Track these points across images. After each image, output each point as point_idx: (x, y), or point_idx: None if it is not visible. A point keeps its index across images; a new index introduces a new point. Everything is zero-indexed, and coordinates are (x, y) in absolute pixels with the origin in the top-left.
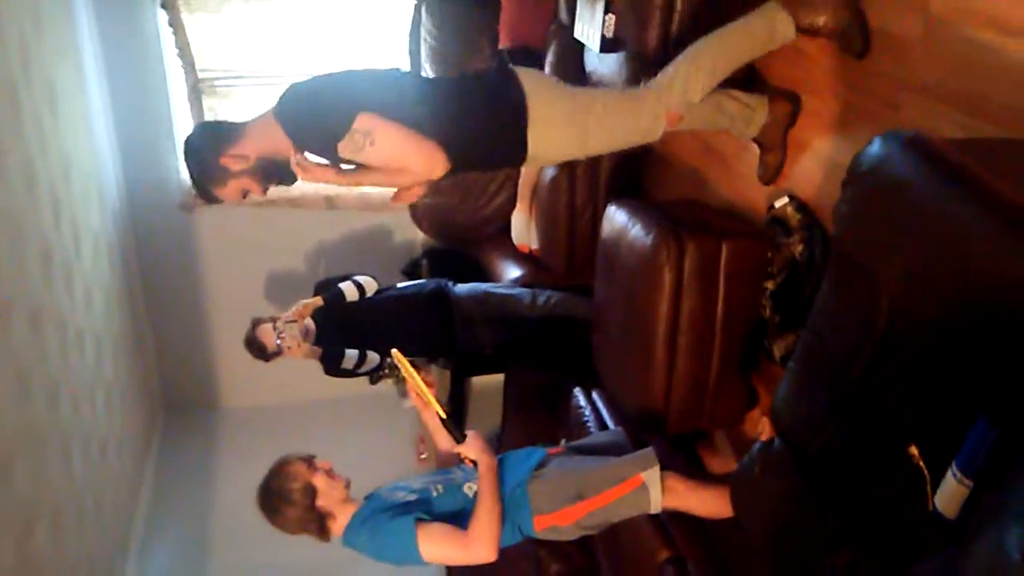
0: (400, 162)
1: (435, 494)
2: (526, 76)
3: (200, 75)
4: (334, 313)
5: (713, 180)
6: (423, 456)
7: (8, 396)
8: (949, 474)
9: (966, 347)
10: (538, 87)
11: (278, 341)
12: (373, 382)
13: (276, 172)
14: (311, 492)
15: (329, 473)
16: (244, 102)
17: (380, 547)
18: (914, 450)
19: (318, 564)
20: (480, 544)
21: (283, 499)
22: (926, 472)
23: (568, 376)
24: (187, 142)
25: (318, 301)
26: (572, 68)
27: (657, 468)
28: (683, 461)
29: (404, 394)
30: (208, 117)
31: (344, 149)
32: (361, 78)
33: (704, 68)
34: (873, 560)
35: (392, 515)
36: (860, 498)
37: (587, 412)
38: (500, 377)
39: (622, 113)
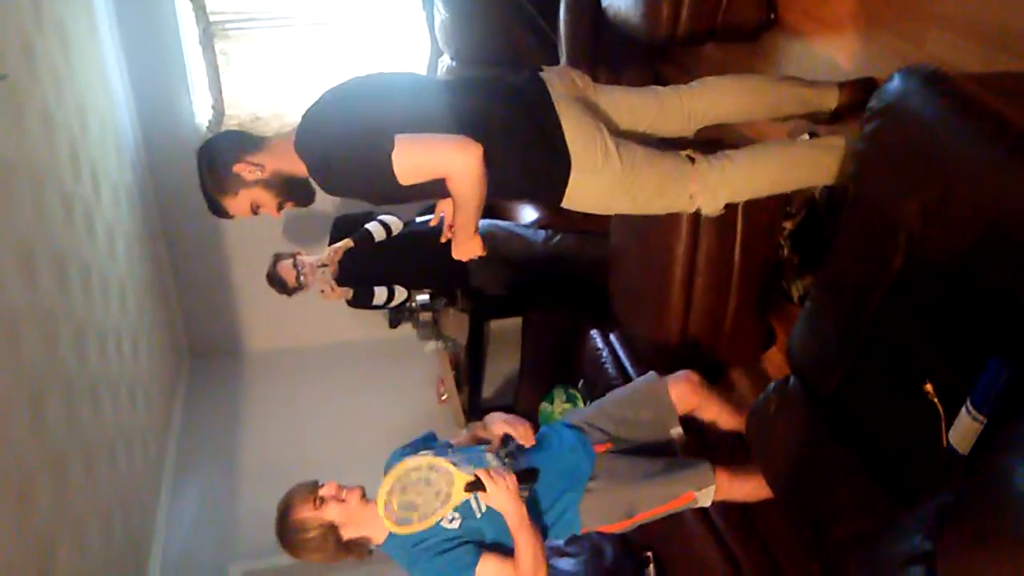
0: (431, 168)
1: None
2: (572, 142)
3: (212, 17)
4: (362, 253)
5: None
6: (444, 398)
7: (37, 342)
8: (963, 410)
9: (981, 284)
10: (582, 164)
11: (301, 278)
12: (393, 326)
13: (291, 190)
14: (332, 531)
15: (338, 497)
16: (257, 45)
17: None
18: (929, 387)
19: None
20: None
21: (307, 549)
22: (940, 409)
23: (585, 318)
24: (202, 148)
25: (348, 243)
26: (586, 3)
27: (713, 487)
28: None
29: (424, 337)
30: (221, 62)
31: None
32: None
33: (739, 189)
34: (885, 494)
35: (441, 551)
36: (875, 435)
37: (604, 353)
38: (518, 320)
39: (660, 200)
